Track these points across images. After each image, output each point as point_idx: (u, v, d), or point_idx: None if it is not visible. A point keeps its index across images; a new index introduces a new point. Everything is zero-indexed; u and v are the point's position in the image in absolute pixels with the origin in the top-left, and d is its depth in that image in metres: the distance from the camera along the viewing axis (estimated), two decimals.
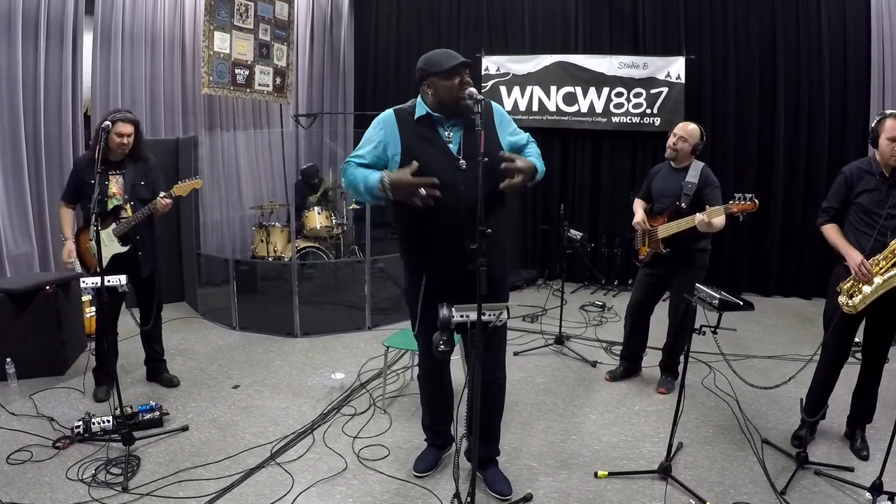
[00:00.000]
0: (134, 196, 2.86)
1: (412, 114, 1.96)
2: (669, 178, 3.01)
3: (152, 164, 2.98)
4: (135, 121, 2.84)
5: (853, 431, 2.52)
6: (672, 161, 3.01)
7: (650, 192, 3.13)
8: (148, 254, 2.96)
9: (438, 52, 1.94)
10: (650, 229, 3.01)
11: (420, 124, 1.94)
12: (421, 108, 1.96)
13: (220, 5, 4.80)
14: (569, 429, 2.72)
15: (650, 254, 3.04)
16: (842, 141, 4.98)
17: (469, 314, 1.72)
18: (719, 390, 3.11)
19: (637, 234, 3.13)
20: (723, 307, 2.14)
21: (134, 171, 2.89)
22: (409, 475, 2.31)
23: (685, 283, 2.97)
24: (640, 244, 3.14)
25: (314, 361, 3.58)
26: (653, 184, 3.11)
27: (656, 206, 3.06)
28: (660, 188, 3.05)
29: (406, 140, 1.93)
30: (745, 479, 2.29)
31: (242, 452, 2.45)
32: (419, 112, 1.95)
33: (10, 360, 3.06)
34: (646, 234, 3.06)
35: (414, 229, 2.01)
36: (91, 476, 2.22)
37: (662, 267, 3.03)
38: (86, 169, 2.82)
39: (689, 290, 2.99)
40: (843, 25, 4.86)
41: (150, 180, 2.93)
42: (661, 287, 3.12)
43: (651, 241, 3.02)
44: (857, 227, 2.36)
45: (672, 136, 2.98)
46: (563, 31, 5.63)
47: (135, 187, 2.88)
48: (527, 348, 3.78)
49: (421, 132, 1.94)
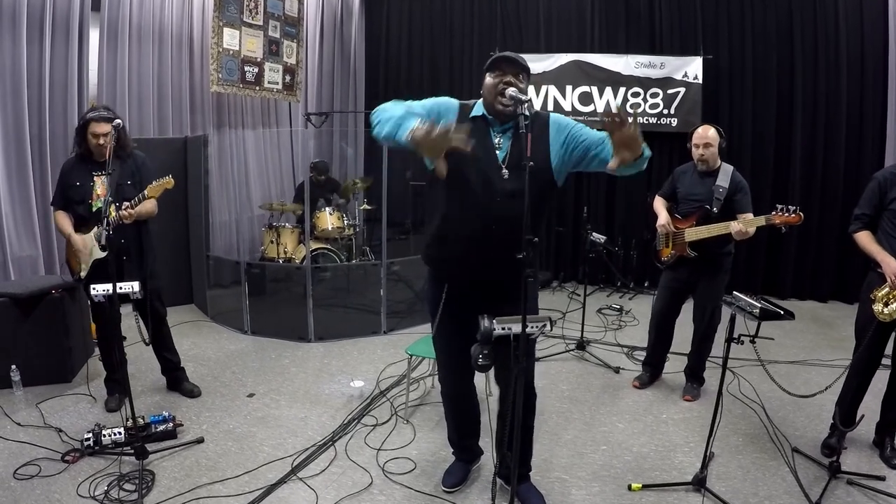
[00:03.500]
0: (119, 197, 2.67)
1: (471, 110, 1.87)
2: (699, 182, 2.93)
3: (140, 161, 2.81)
4: (111, 118, 2.65)
5: (882, 439, 2.48)
6: (701, 169, 2.94)
7: (675, 192, 3.04)
8: (134, 260, 2.78)
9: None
10: (676, 231, 2.92)
11: (474, 123, 1.84)
12: (479, 108, 1.86)
13: (229, 1, 4.70)
14: (597, 439, 2.64)
15: (674, 256, 2.96)
16: (859, 141, 4.92)
17: (511, 326, 1.63)
18: (744, 396, 3.04)
19: (659, 234, 3.04)
20: (764, 317, 2.06)
21: (121, 171, 2.72)
22: (438, 490, 2.22)
23: (711, 288, 2.93)
24: (662, 245, 3.05)
25: (330, 368, 3.49)
26: (679, 185, 3.03)
27: (682, 208, 2.98)
28: (687, 191, 2.97)
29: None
30: (778, 489, 2.24)
31: (262, 466, 2.35)
32: (476, 111, 1.86)
33: (16, 366, 2.96)
34: (669, 235, 2.97)
35: (446, 232, 1.92)
36: (104, 493, 2.13)
37: (686, 271, 2.96)
38: (70, 171, 2.71)
39: (716, 294, 2.95)
40: (860, 25, 4.80)
41: (137, 179, 2.76)
42: (685, 292, 3.05)
43: (677, 243, 2.94)
44: (891, 233, 2.31)
45: (695, 147, 2.89)
46: (579, 30, 5.55)
47: (120, 187, 2.70)
48: (548, 354, 3.70)
49: (475, 131, 1.82)
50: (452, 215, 1.86)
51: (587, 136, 1.80)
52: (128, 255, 2.77)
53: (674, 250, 2.96)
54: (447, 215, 1.87)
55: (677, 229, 2.93)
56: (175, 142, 4.53)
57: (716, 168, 2.88)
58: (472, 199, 1.80)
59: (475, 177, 1.79)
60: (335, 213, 4.87)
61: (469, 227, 1.83)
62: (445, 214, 1.87)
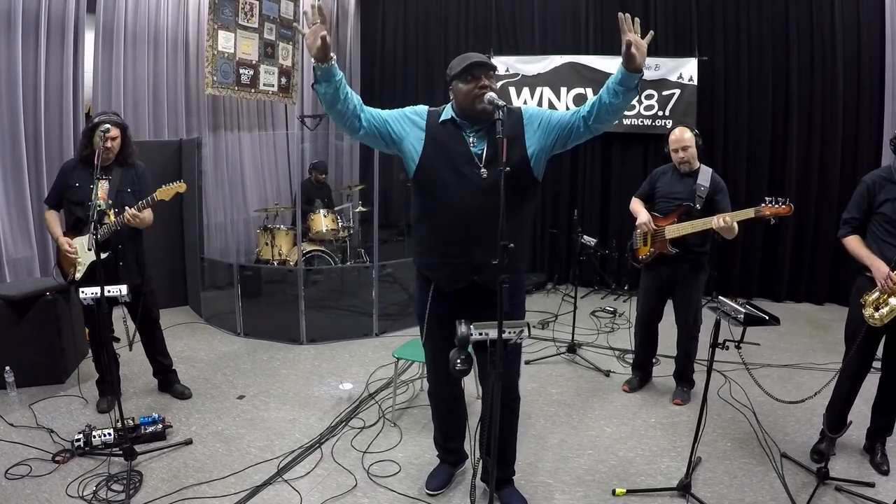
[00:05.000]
0: (118, 203, 2.72)
1: (440, 116, 1.88)
2: (679, 182, 2.95)
3: (141, 171, 2.85)
4: (121, 124, 2.71)
5: (873, 445, 2.46)
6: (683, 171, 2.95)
7: (653, 192, 3.05)
8: (130, 265, 2.81)
9: (461, 55, 1.85)
10: (656, 229, 2.93)
11: (444, 127, 1.86)
12: (447, 112, 1.88)
13: (224, 4, 4.72)
14: (584, 443, 2.64)
15: (653, 254, 2.97)
16: (855, 144, 4.90)
17: (488, 332, 1.64)
18: (735, 401, 3.04)
19: (636, 233, 3.04)
20: (748, 322, 2.06)
21: (121, 178, 2.76)
22: (422, 493, 2.23)
23: (691, 287, 2.95)
24: (639, 244, 3.05)
25: (321, 370, 3.50)
26: (658, 185, 3.03)
27: (661, 207, 2.99)
28: (667, 191, 2.98)
29: (430, 138, 1.85)
30: (765, 495, 2.22)
31: (248, 468, 2.37)
32: (445, 115, 1.88)
33: (9, 368, 2.99)
34: (648, 234, 2.98)
35: (426, 231, 1.94)
36: (92, 493, 2.15)
37: (665, 270, 2.97)
38: (71, 172, 2.72)
39: (696, 294, 2.96)
40: (856, 27, 4.78)
41: (136, 188, 2.80)
42: (665, 292, 3.05)
43: (657, 241, 2.95)
44: (881, 237, 2.29)
45: (674, 152, 2.92)
46: (574, 32, 5.54)
47: (120, 194, 2.74)
48: (538, 357, 3.70)
49: (446, 134, 1.85)
50: (434, 220, 1.88)
51: (560, 116, 1.88)
52: (124, 260, 2.79)
53: (653, 248, 2.97)
54: (429, 220, 1.89)
55: (657, 227, 2.93)
56: (170, 144, 4.55)
57: (695, 169, 2.91)
58: (452, 202, 1.81)
59: (453, 179, 1.81)
60: (329, 216, 4.88)
61: (451, 230, 1.84)
62: (428, 219, 1.89)
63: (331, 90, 1.70)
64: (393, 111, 1.90)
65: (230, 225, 4.99)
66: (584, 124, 1.82)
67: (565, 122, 1.85)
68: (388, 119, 1.87)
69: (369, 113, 1.83)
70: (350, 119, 1.78)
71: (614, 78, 1.72)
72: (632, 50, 1.63)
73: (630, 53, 1.64)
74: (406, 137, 1.86)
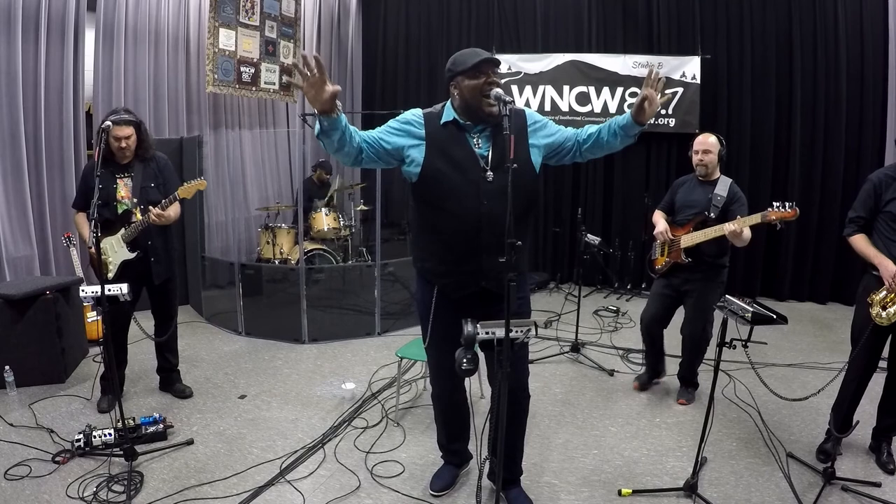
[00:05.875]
0: (143, 199, 2.73)
1: (439, 118, 1.84)
2: (696, 191, 2.92)
3: (163, 163, 2.85)
4: (134, 122, 2.70)
5: (879, 444, 2.45)
6: (700, 175, 2.92)
7: (673, 204, 3.02)
8: (161, 261, 2.84)
9: (465, 51, 1.82)
10: (672, 239, 2.90)
11: (446, 129, 1.82)
12: (448, 112, 1.83)
13: (225, 1, 4.70)
14: (589, 443, 2.62)
15: (669, 264, 2.94)
16: (858, 142, 4.88)
17: (495, 331, 1.62)
18: (740, 400, 3.02)
19: (656, 244, 3.02)
20: (756, 321, 2.03)
21: (143, 173, 2.76)
22: (426, 494, 2.21)
23: (704, 299, 2.90)
24: (657, 254, 3.03)
25: (323, 370, 3.48)
26: (677, 195, 3.01)
27: (679, 218, 2.96)
28: (685, 200, 2.95)
29: (431, 144, 1.81)
30: (772, 495, 2.21)
31: (250, 469, 2.35)
32: (446, 117, 1.83)
33: (9, 367, 2.97)
34: (666, 244, 2.96)
35: (431, 240, 1.90)
36: (92, 494, 2.13)
37: (680, 279, 2.93)
38: (91, 174, 2.71)
39: (707, 306, 2.91)
40: (860, 25, 4.76)
41: (160, 181, 2.81)
42: (676, 301, 3.01)
43: (672, 250, 2.92)
44: (888, 235, 2.28)
45: (694, 153, 2.89)
46: (576, 30, 5.52)
47: (144, 190, 2.75)
48: (542, 356, 3.68)
49: (448, 137, 1.81)
50: (438, 228, 1.84)
51: (559, 129, 1.92)
52: (156, 256, 2.80)
53: (668, 257, 2.94)
54: (433, 228, 1.85)
55: (674, 237, 2.91)
56: (171, 143, 4.52)
57: (715, 178, 2.88)
58: (457, 210, 1.78)
59: (458, 185, 1.77)
60: (331, 214, 4.86)
61: (457, 239, 1.81)
62: (432, 227, 1.86)
63: (337, 136, 1.64)
64: (382, 127, 1.84)
65: (231, 224, 4.97)
66: (577, 148, 1.88)
67: (563, 137, 1.89)
68: (381, 137, 1.80)
69: (362, 138, 1.77)
70: (355, 153, 1.74)
71: (619, 121, 1.78)
72: (645, 104, 1.70)
73: (642, 107, 1.70)
74: (404, 148, 1.81)
